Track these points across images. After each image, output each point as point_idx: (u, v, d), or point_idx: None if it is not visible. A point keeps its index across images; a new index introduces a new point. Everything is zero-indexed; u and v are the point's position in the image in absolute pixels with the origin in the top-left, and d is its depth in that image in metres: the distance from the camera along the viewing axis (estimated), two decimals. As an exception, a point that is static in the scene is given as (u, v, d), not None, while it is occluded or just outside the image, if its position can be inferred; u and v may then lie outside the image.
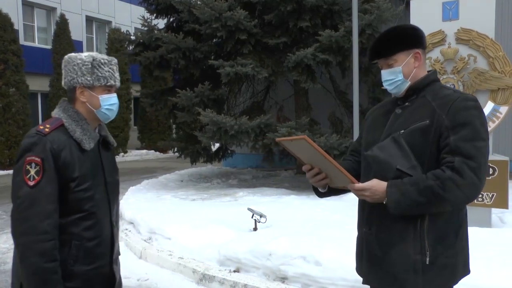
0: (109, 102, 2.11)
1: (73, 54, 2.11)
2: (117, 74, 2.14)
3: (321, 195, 2.17)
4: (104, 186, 2.12)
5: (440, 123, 1.82)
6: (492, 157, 5.40)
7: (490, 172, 5.29)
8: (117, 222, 2.26)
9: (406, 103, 1.98)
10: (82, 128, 2.05)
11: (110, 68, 2.09)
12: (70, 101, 2.11)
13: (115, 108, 2.15)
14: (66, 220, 1.98)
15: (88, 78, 2.05)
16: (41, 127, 1.97)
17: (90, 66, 2.05)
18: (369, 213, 1.99)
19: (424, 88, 1.96)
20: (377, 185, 1.85)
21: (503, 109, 5.39)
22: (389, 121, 1.98)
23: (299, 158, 2.01)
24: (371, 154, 1.92)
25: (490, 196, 5.28)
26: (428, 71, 2.03)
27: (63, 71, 2.11)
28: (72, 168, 1.96)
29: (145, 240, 6.04)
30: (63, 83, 2.12)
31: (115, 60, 2.14)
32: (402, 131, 1.88)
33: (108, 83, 2.09)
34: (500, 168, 5.26)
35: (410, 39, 1.98)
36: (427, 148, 1.84)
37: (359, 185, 1.88)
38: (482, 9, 5.47)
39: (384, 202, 1.83)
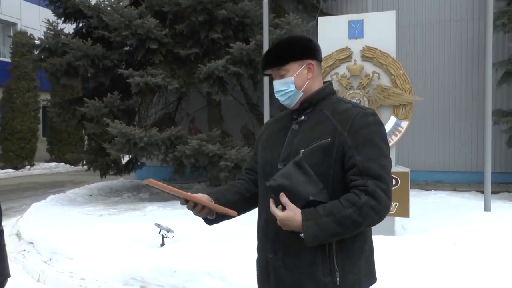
0: None
1: None
2: None
3: (210, 222, 2.03)
4: None
5: (343, 141, 1.76)
6: (395, 168, 5.61)
7: (394, 183, 5.50)
8: None
9: (303, 117, 1.90)
10: None
11: None
12: None
13: None
14: None
15: None
16: None
17: None
18: (274, 239, 1.88)
19: (319, 101, 1.90)
20: (293, 217, 1.73)
21: (404, 124, 5.65)
22: (287, 138, 1.88)
23: (173, 195, 1.87)
24: (274, 184, 1.77)
25: (394, 205, 5.48)
26: (324, 82, 1.97)
27: None
28: None
29: (44, 261, 5.63)
30: None
31: None
32: (303, 149, 1.79)
33: None
34: (402, 179, 5.49)
35: (303, 49, 1.91)
36: (330, 168, 1.77)
37: (279, 214, 1.76)
38: (384, 29, 5.73)
39: (301, 236, 1.73)
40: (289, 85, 1.90)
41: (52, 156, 21.18)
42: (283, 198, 1.73)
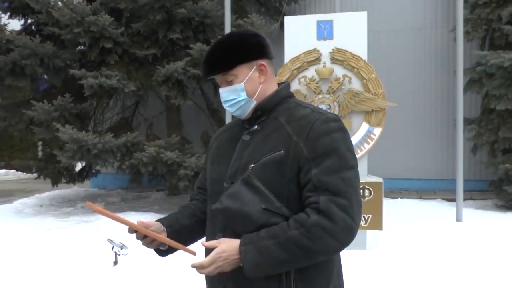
0: None
1: None
2: None
3: (163, 253, 1.71)
4: None
5: (298, 153, 1.45)
6: (367, 178, 5.38)
7: (366, 194, 5.22)
8: None
9: (255, 127, 1.59)
10: None
11: None
12: None
13: None
14: None
15: None
16: None
17: None
18: None
19: (274, 107, 1.59)
20: (228, 248, 1.43)
21: (377, 131, 5.39)
22: (236, 151, 1.58)
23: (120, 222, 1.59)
24: (220, 207, 1.48)
25: (366, 218, 5.20)
26: (279, 84, 1.66)
27: None
28: None
29: (-25, 286, 5.02)
30: None
31: None
32: (252, 165, 1.48)
33: None
34: (375, 190, 5.20)
35: (252, 47, 1.58)
36: (285, 185, 1.46)
37: (201, 262, 1.45)
38: (355, 31, 5.50)
39: (241, 265, 1.43)
40: (239, 93, 1.58)
41: (1, 162, 20.15)
42: (207, 243, 1.50)
